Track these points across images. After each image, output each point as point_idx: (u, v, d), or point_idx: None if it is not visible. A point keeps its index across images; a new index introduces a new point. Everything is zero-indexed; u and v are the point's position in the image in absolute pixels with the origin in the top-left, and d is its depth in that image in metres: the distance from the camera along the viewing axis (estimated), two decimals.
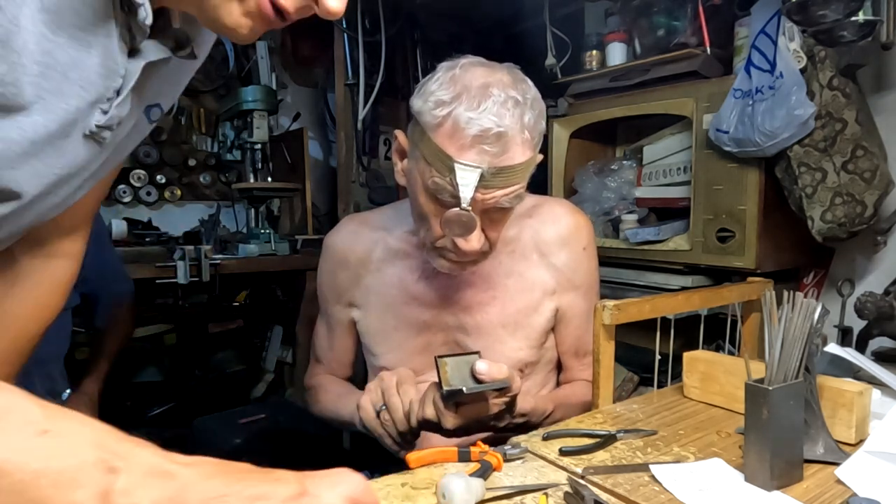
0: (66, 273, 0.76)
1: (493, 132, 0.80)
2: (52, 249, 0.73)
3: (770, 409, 0.64)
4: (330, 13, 0.47)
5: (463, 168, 0.81)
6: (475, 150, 0.81)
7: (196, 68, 0.65)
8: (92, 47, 0.47)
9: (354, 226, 1.12)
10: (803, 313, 0.68)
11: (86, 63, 0.47)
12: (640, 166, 1.75)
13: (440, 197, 0.85)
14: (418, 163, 0.87)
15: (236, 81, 2.40)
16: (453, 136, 0.82)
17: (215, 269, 1.88)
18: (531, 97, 0.86)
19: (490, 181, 0.82)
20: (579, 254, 1.06)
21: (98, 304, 1.57)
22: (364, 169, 2.47)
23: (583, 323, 1.06)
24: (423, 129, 0.86)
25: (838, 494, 0.66)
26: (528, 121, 0.84)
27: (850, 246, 1.47)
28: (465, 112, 0.81)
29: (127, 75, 0.50)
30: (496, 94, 0.82)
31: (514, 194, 0.86)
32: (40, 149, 0.48)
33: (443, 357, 0.81)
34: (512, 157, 0.83)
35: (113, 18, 0.47)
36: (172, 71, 0.58)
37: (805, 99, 1.26)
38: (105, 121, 0.51)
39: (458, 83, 0.84)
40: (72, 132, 0.50)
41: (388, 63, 2.29)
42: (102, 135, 0.52)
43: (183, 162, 2.35)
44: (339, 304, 1.11)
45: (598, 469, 0.72)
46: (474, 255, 0.89)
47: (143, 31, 0.49)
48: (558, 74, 1.87)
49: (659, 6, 1.63)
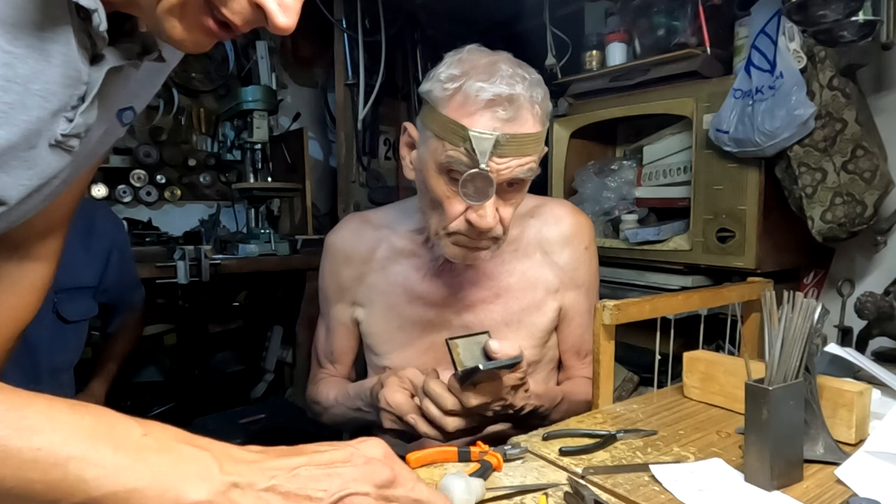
0: (42, 275, 0.75)
1: (506, 95, 0.82)
2: (28, 252, 0.73)
3: (770, 409, 0.64)
4: (279, 29, 0.46)
5: (477, 136, 0.82)
6: (487, 115, 0.82)
7: (171, 69, 0.64)
8: (52, 56, 0.46)
9: (357, 224, 1.11)
10: (803, 313, 0.68)
11: (47, 73, 0.47)
12: (640, 166, 1.75)
13: (454, 169, 0.85)
14: (429, 143, 0.88)
15: (236, 81, 2.40)
16: (465, 104, 0.83)
17: (215, 269, 1.87)
18: (536, 77, 0.89)
19: (504, 149, 0.83)
20: (581, 253, 1.07)
21: (115, 312, 1.58)
22: (364, 169, 2.47)
23: (584, 322, 1.07)
24: (432, 106, 0.87)
25: (838, 494, 0.66)
26: (536, 95, 0.86)
27: (850, 246, 1.47)
28: (475, 82, 0.83)
29: (90, 82, 0.50)
30: (504, 69, 0.85)
31: (528, 166, 0.87)
32: (5, 161, 0.47)
33: (453, 339, 0.82)
34: (523, 125, 0.84)
35: (70, 26, 0.47)
36: (145, 74, 0.58)
37: (805, 99, 1.26)
38: (71, 129, 0.50)
39: (467, 62, 0.87)
40: (37, 143, 0.49)
41: (388, 63, 2.29)
42: (69, 143, 0.51)
43: (183, 162, 2.35)
44: (342, 302, 1.10)
45: (598, 469, 0.72)
46: (487, 233, 0.89)
47: (103, 38, 0.48)
48: (558, 74, 1.87)
49: (659, 6, 1.63)
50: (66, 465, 0.37)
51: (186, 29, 0.46)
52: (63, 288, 1.32)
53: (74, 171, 0.58)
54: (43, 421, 0.38)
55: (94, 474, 0.38)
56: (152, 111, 2.29)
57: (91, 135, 0.54)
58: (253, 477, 0.42)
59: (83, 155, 0.56)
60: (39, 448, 0.37)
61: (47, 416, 0.39)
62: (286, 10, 0.45)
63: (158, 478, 0.39)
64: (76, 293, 1.38)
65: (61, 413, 0.39)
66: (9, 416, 0.37)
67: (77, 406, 0.41)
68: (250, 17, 0.46)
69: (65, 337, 1.36)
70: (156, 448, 0.41)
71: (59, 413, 0.39)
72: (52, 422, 0.38)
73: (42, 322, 1.28)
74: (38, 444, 0.37)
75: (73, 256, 1.35)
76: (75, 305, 1.37)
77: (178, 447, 0.42)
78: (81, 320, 1.40)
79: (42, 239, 0.73)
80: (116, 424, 0.41)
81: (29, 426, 0.37)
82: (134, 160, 2.23)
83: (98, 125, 0.54)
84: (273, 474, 0.43)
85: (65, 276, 1.31)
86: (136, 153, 2.23)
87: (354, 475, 0.47)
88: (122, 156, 2.22)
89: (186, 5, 0.45)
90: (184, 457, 0.41)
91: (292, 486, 0.43)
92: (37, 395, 0.40)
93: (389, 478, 0.48)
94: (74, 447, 0.38)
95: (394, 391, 0.87)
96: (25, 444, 0.37)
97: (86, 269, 1.40)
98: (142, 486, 0.39)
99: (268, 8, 0.45)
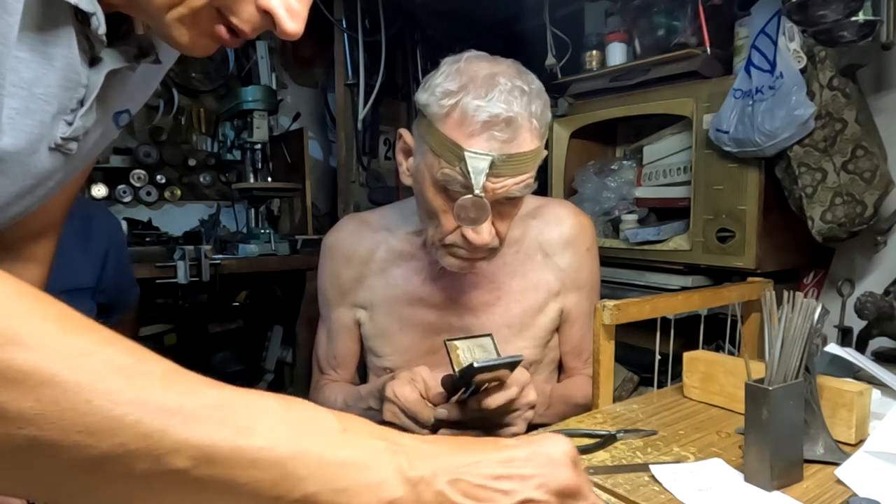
0: (35, 277, 0.75)
1: (503, 117, 0.80)
2: (20, 254, 0.72)
3: (770, 409, 0.64)
4: (288, 34, 0.46)
5: (473, 156, 0.80)
6: (485, 136, 0.81)
7: (166, 71, 0.64)
8: (54, 60, 0.46)
9: (355, 225, 1.10)
10: (803, 313, 0.68)
11: (49, 77, 0.47)
12: (640, 166, 1.75)
13: (450, 188, 0.84)
14: (426, 157, 0.87)
15: (236, 81, 2.39)
16: (462, 124, 0.81)
17: (215, 269, 1.87)
18: (536, 87, 0.86)
19: (500, 169, 0.81)
20: (583, 255, 1.07)
21: (112, 312, 1.58)
22: (364, 169, 2.47)
23: (586, 323, 1.06)
24: (430, 121, 0.85)
25: (838, 494, 0.66)
26: (535, 109, 0.84)
27: (850, 246, 1.47)
28: (473, 100, 0.81)
29: (90, 85, 0.49)
30: (503, 83, 0.82)
31: (524, 183, 0.85)
32: (7, 167, 0.48)
33: (452, 340, 0.80)
34: (521, 144, 0.82)
35: (71, 28, 0.46)
36: (141, 76, 0.57)
37: (805, 99, 1.25)
38: (70, 132, 0.50)
39: (464, 74, 0.84)
40: (39, 147, 0.49)
41: (388, 63, 2.29)
42: (69, 146, 0.51)
43: (183, 162, 2.35)
44: (343, 305, 1.09)
45: (598, 469, 0.72)
46: (484, 248, 0.88)
47: (101, 41, 0.48)
48: (558, 74, 1.87)
49: (659, 6, 1.63)
50: (285, 463, 0.38)
51: (195, 36, 0.47)
52: (61, 290, 1.32)
53: (69, 174, 0.58)
54: (261, 419, 0.39)
55: (307, 472, 0.38)
56: (152, 111, 2.29)
57: (88, 137, 0.54)
58: (436, 470, 0.42)
59: (79, 157, 0.56)
60: (262, 447, 0.37)
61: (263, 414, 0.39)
62: (294, 15, 0.46)
63: (357, 475, 0.40)
64: (75, 295, 1.37)
65: (276, 411, 0.40)
66: (230, 415, 0.38)
67: (286, 402, 0.41)
68: (259, 24, 0.46)
69: None
70: (354, 443, 0.41)
71: (272, 410, 0.40)
72: (270, 420, 0.39)
73: None
74: (261, 443, 0.37)
75: (71, 258, 1.35)
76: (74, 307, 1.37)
77: (374, 443, 0.42)
78: None
79: (34, 240, 0.73)
80: (321, 419, 0.41)
81: (249, 426, 0.38)
82: (134, 160, 2.23)
83: (95, 128, 0.54)
84: (454, 468, 0.43)
85: (63, 278, 1.30)
86: (136, 153, 2.22)
87: (536, 479, 0.44)
88: (122, 156, 2.21)
89: (198, 15, 0.45)
90: (378, 452, 0.41)
91: (472, 482, 0.42)
92: (247, 391, 0.41)
93: (571, 485, 0.45)
94: (290, 444, 0.38)
95: (403, 384, 0.86)
96: (250, 442, 0.37)
97: (84, 271, 1.40)
98: (344, 484, 0.39)
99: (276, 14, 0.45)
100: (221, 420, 0.37)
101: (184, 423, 0.35)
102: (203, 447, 0.36)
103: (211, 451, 0.36)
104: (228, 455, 0.36)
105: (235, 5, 0.46)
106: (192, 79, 2.38)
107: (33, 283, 0.74)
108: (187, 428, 0.35)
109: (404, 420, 0.86)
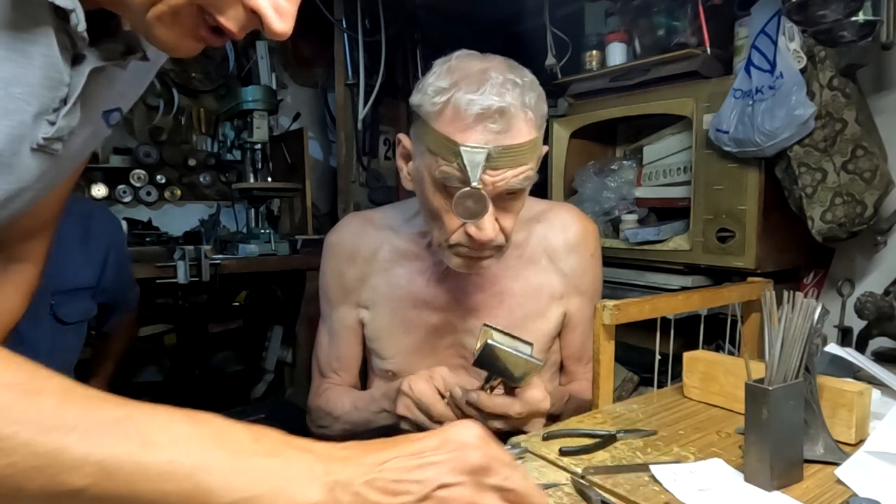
0: (29, 276, 0.75)
1: (496, 108, 0.80)
2: (13, 254, 0.72)
3: (770, 409, 0.64)
4: (276, 34, 0.46)
5: (469, 150, 0.80)
6: (479, 129, 0.80)
7: (157, 68, 0.63)
8: (33, 58, 0.45)
9: (358, 223, 1.09)
10: (803, 313, 0.68)
11: (28, 76, 0.46)
12: (640, 166, 1.75)
13: (449, 185, 0.84)
14: (424, 157, 0.87)
15: (236, 81, 2.39)
16: (455, 119, 0.81)
17: (215, 269, 1.87)
18: (528, 80, 0.86)
19: (497, 161, 0.81)
20: (587, 260, 1.06)
21: (112, 312, 1.58)
22: (364, 169, 2.47)
23: (587, 328, 1.06)
24: (424, 120, 0.85)
25: (838, 494, 0.66)
26: (529, 101, 0.84)
27: (850, 246, 1.47)
28: (465, 95, 0.81)
29: (72, 84, 0.49)
30: (494, 77, 0.82)
31: (524, 175, 0.85)
32: None
33: (490, 327, 0.83)
34: (516, 136, 0.82)
35: (50, 26, 0.46)
36: (132, 73, 0.57)
37: (805, 99, 1.25)
38: (53, 132, 0.49)
39: (456, 72, 0.84)
40: (20, 148, 0.48)
41: (388, 63, 2.29)
42: (53, 147, 0.50)
43: (183, 162, 2.35)
44: (346, 304, 1.08)
45: (599, 469, 0.72)
46: (489, 245, 0.88)
47: (83, 38, 0.47)
48: (558, 74, 1.87)
49: (659, 6, 1.63)
50: (193, 475, 0.38)
51: (177, 36, 0.46)
52: (60, 290, 1.32)
53: (59, 174, 0.57)
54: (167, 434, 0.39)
55: (219, 483, 0.38)
56: (152, 111, 2.29)
57: (75, 137, 0.53)
58: (351, 473, 0.43)
59: (68, 157, 0.55)
60: (170, 460, 0.37)
61: (168, 428, 0.39)
62: (283, 14, 0.45)
63: (273, 482, 0.40)
64: (74, 294, 1.38)
65: (181, 425, 0.40)
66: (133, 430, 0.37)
67: (193, 416, 0.41)
68: (246, 23, 0.46)
69: (64, 338, 1.36)
70: (266, 452, 0.41)
71: (179, 425, 0.40)
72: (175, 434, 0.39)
73: (40, 324, 1.28)
74: (168, 457, 0.37)
75: (71, 258, 1.35)
76: (73, 307, 1.37)
77: (286, 451, 0.42)
78: (80, 321, 1.40)
79: (27, 240, 0.73)
80: (230, 432, 0.41)
81: (154, 439, 0.38)
82: (134, 160, 2.23)
83: (83, 127, 0.53)
84: (367, 469, 0.43)
85: (63, 278, 1.31)
86: (136, 153, 2.22)
87: (447, 464, 0.45)
88: (122, 156, 2.21)
89: (179, 14, 0.44)
90: (292, 459, 0.42)
91: (387, 479, 0.43)
92: (154, 406, 0.40)
93: (482, 464, 0.46)
94: (198, 456, 0.39)
95: (421, 380, 0.86)
96: (156, 456, 0.37)
97: (84, 270, 1.40)
98: (260, 491, 0.39)
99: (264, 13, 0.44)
100: (123, 435, 0.37)
101: (82, 440, 0.35)
102: (103, 463, 0.35)
103: (112, 467, 0.35)
104: (133, 469, 0.36)
105: (221, 4, 0.45)
106: (192, 79, 2.38)
107: (27, 282, 0.75)
108: (87, 444, 0.35)
109: (417, 414, 0.86)
